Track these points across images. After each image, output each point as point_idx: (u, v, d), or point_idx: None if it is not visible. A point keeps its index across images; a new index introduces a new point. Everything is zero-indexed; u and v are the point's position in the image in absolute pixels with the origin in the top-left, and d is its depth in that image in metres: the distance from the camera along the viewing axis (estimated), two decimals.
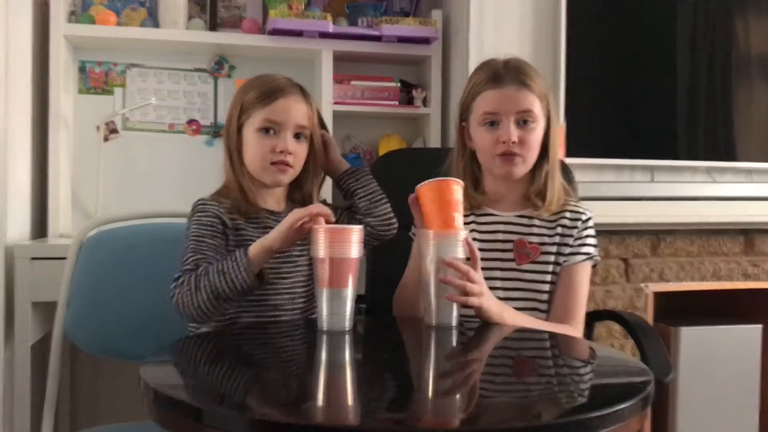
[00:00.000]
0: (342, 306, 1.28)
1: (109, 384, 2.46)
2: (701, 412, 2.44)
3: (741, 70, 2.59)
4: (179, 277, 1.34)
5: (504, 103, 1.47)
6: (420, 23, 2.53)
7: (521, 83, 1.47)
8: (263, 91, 1.46)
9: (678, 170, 2.55)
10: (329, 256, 1.27)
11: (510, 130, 1.46)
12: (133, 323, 1.67)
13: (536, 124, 1.48)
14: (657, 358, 1.47)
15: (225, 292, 1.30)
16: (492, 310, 1.36)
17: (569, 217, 1.51)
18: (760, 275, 2.54)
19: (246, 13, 2.63)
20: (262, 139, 1.45)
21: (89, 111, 2.48)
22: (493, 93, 1.48)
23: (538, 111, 1.48)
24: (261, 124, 1.45)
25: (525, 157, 1.48)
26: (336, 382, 1.08)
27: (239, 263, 1.31)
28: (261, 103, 1.45)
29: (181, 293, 1.33)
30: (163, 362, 1.14)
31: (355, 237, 1.29)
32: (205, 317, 1.34)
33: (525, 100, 1.46)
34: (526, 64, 1.52)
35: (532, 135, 1.47)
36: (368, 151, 2.69)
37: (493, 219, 1.54)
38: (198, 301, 1.31)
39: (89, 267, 1.70)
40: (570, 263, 1.48)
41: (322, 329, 1.29)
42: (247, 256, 1.31)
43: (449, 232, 1.34)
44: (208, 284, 1.31)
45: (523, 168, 1.49)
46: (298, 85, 1.52)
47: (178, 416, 0.91)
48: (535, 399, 1.00)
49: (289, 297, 1.45)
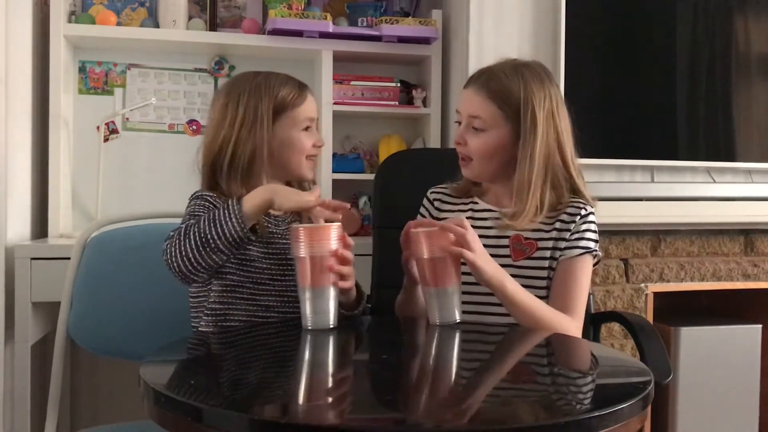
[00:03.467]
0: (325, 304, 1.28)
1: (109, 384, 2.46)
2: (701, 412, 2.44)
3: (741, 70, 2.59)
4: (170, 234, 1.33)
5: (462, 104, 1.51)
6: (420, 23, 2.53)
7: (479, 87, 1.47)
8: (294, 87, 1.49)
9: (678, 170, 2.55)
10: (309, 255, 1.27)
11: (459, 132, 1.49)
12: (135, 323, 1.67)
13: (488, 132, 1.45)
14: (657, 360, 1.47)
15: (214, 241, 1.27)
16: (488, 272, 1.34)
17: (568, 212, 1.49)
18: (760, 275, 2.54)
19: (246, 13, 2.63)
20: (309, 136, 1.50)
21: (89, 111, 2.49)
22: (462, 92, 1.52)
23: (491, 120, 1.45)
24: (304, 122, 1.49)
25: (475, 161, 1.48)
26: (335, 382, 1.08)
27: (231, 212, 1.29)
28: (298, 99, 1.48)
29: (170, 244, 1.31)
30: (163, 362, 1.14)
31: (333, 234, 1.29)
32: (193, 270, 1.30)
33: (477, 106, 1.46)
34: (512, 70, 1.47)
35: (477, 140, 1.46)
36: (368, 151, 2.69)
37: (490, 215, 1.53)
38: (186, 248, 1.28)
39: (92, 267, 1.70)
40: (567, 256, 1.46)
41: (306, 328, 1.29)
42: (241, 204, 1.29)
43: (436, 231, 1.34)
44: (198, 231, 1.28)
45: (477, 171, 1.49)
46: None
47: (178, 416, 0.91)
48: (535, 399, 1.00)
49: (281, 300, 1.44)
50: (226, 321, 1.41)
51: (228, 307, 1.41)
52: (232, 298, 1.41)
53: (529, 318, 1.38)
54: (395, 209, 1.79)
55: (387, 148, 2.57)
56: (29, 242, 2.15)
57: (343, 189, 2.58)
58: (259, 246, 1.43)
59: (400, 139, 2.63)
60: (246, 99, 1.46)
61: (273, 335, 1.36)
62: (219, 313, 1.41)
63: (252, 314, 1.42)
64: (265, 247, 1.45)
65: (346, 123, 2.64)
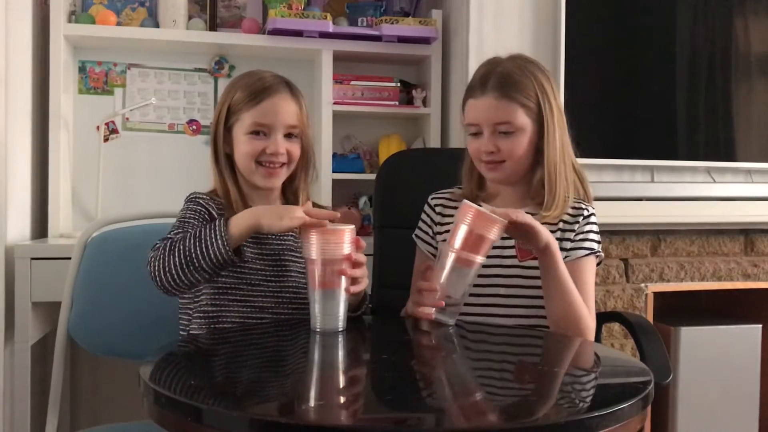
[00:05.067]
0: (335, 306, 1.28)
1: (109, 384, 2.46)
2: (701, 412, 2.44)
3: (741, 70, 2.59)
4: (156, 244, 1.33)
5: (483, 114, 1.46)
6: (420, 23, 2.53)
7: (501, 93, 1.45)
8: (250, 91, 1.43)
9: (678, 170, 2.55)
10: (321, 257, 1.26)
11: (487, 142, 1.46)
12: (135, 323, 1.67)
13: (519, 132, 1.46)
14: (656, 360, 1.46)
15: (197, 260, 1.27)
16: (544, 236, 1.35)
17: (571, 213, 1.50)
18: (760, 275, 2.54)
19: (246, 13, 2.63)
20: (252, 141, 1.43)
21: (89, 111, 2.49)
22: (476, 103, 1.47)
23: (520, 120, 1.45)
24: (251, 127, 1.42)
25: (508, 164, 1.47)
26: (335, 382, 1.08)
27: (217, 232, 1.27)
28: (248, 104, 1.42)
29: (155, 257, 1.30)
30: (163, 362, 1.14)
31: (347, 237, 1.28)
32: (176, 285, 1.29)
33: (503, 112, 1.45)
34: (518, 68, 1.48)
35: (512, 144, 1.46)
36: (368, 151, 2.69)
37: None
38: (170, 264, 1.28)
39: (92, 267, 1.70)
40: (573, 258, 1.47)
41: (315, 329, 1.29)
42: (228, 227, 1.28)
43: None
44: (183, 249, 1.28)
45: (509, 172, 1.49)
46: (285, 81, 1.48)
47: (178, 416, 0.91)
48: (535, 399, 1.00)
49: (275, 301, 1.43)
50: (218, 323, 1.40)
51: (221, 309, 1.40)
52: (226, 300, 1.40)
53: (563, 300, 1.38)
54: (396, 209, 1.80)
55: (387, 148, 2.57)
56: (29, 242, 2.15)
57: (343, 189, 2.58)
58: (253, 247, 1.43)
59: (400, 139, 2.63)
60: (222, 98, 1.48)
61: (273, 335, 1.36)
62: (212, 316, 1.40)
63: (245, 316, 1.41)
64: (259, 248, 1.44)
65: (346, 123, 2.64)
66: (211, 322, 1.40)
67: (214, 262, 1.27)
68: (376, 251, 1.82)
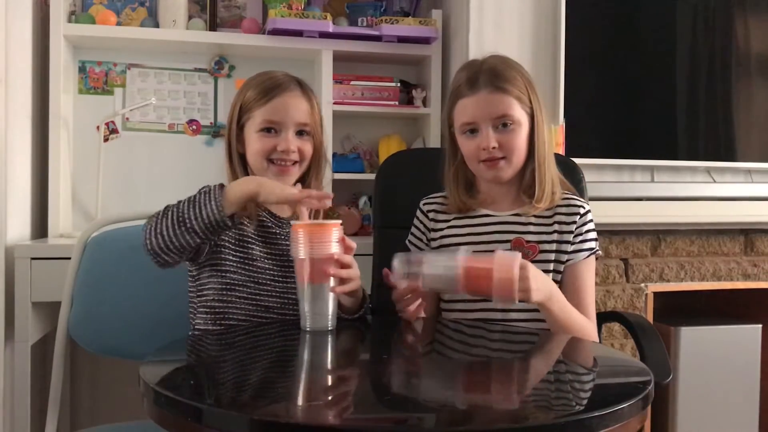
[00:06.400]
0: (324, 306, 1.28)
1: (109, 384, 2.46)
2: (701, 412, 2.44)
3: (741, 70, 2.59)
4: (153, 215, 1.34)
5: (479, 110, 1.46)
6: (420, 23, 2.53)
7: (495, 87, 1.45)
8: (262, 89, 1.45)
9: (678, 170, 2.55)
10: (309, 257, 1.26)
11: (489, 137, 1.45)
12: (135, 323, 1.67)
13: (516, 126, 1.46)
14: (656, 361, 1.47)
15: (189, 221, 1.27)
16: (555, 311, 1.38)
17: (565, 211, 1.50)
18: (760, 275, 2.54)
19: (246, 13, 2.63)
20: (263, 139, 1.44)
21: (89, 111, 2.48)
22: (469, 101, 1.47)
23: (517, 113, 1.46)
24: (261, 124, 1.44)
25: (509, 160, 1.47)
26: (335, 382, 1.08)
27: (211, 195, 1.28)
28: (260, 102, 1.44)
29: (149, 223, 1.31)
30: (163, 362, 1.14)
31: (334, 236, 1.28)
32: (165, 248, 1.29)
33: (501, 105, 1.45)
34: (503, 63, 1.49)
35: (513, 138, 1.46)
36: (368, 151, 2.69)
37: (488, 220, 1.53)
38: (161, 226, 1.28)
39: (92, 267, 1.70)
40: (574, 261, 1.48)
41: (305, 329, 1.29)
42: (224, 190, 1.29)
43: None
44: (176, 211, 1.29)
45: (509, 170, 1.49)
46: (297, 80, 1.50)
47: (178, 416, 0.91)
48: (534, 399, 1.00)
49: (281, 301, 1.43)
50: (224, 319, 1.41)
51: (227, 305, 1.41)
52: (232, 296, 1.41)
53: (565, 331, 1.40)
54: (396, 209, 1.80)
55: (387, 148, 2.57)
56: (29, 242, 2.14)
57: (343, 189, 2.58)
58: (261, 246, 1.44)
59: (400, 139, 2.63)
60: (235, 98, 1.50)
61: (273, 335, 1.36)
62: (218, 311, 1.41)
63: (251, 314, 1.41)
64: (268, 247, 1.45)
65: (346, 123, 2.64)
66: (216, 317, 1.41)
67: (206, 223, 1.27)
68: (375, 251, 1.82)
